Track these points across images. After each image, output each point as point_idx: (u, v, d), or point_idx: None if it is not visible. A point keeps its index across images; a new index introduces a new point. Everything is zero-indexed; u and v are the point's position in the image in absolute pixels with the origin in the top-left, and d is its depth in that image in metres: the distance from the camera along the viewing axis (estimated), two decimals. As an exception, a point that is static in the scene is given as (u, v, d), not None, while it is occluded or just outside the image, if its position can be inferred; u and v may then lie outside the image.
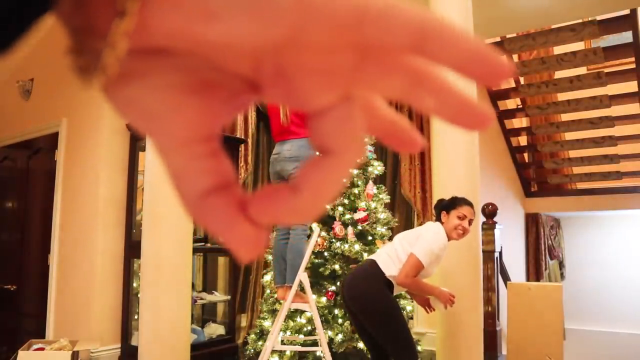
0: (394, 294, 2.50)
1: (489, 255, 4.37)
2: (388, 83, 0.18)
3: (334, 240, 3.53)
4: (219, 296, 4.58)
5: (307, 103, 0.17)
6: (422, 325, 4.30)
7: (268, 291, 3.60)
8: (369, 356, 3.37)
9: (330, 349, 3.08)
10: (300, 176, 0.19)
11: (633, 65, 4.77)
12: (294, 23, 0.15)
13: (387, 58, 0.17)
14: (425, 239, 2.39)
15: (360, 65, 0.17)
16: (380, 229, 3.67)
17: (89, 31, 0.15)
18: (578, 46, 5.40)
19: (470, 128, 0.19)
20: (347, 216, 3.59)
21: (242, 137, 4.92)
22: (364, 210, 3.61)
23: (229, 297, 4.59)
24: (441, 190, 3.06)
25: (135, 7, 0.14)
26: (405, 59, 0.17)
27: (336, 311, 3.48)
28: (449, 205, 2.56)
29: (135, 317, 3.92)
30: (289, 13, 0.15)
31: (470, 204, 2.54)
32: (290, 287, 2.80)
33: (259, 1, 0.15)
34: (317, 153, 0.19)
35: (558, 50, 5.48)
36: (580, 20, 4.56)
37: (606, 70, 5.13)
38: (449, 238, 2.49)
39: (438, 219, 2.57)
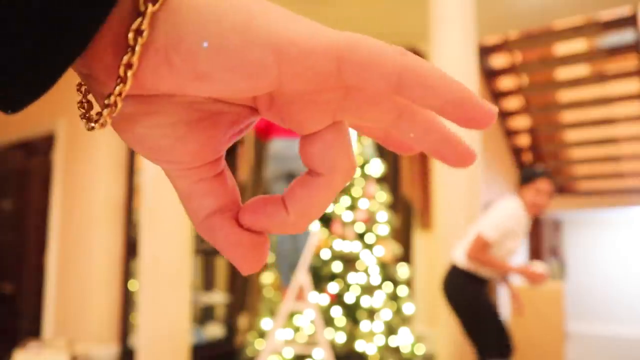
0: (490, 276, 2.38)
1: (490, 256, 4.35)
2: (374, 114, 0.18)
3: (334, 240, 3.52)
4: (219, 296, 4.57)
5: (300, 128, 0.18)
6: (423, 325, 4.28)
7: (268, 291, 3.58)
8: (370, 357, 3.36)
9: (330, 349, 3.06)
10: (289, 193, 0.20)
11: (636, 66, 4.76)
12: (276, 77, 0.16)
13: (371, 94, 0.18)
14: (493, 216, 2.28)
15: (348, 96, 0.18)
16: (381, 229, 3.65)
17: (93, 81, 0.17)
18: (580, 46, 5.39)
19: (452, 164, 0.20)
20: (347, 216, 3.57)
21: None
22: (364, 210, 3.59)
23: (229, 297, 4.57)
24: (441, 190, 3.04)
25: (130, 74, 0.15)
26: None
27: (336, 311, 3.47)
28: (525, 178, 2.39)
29: (135, 317, 3.91)
30: (271, 69, 0.16)
31: (548, 174, 2.35)
32: (303, 287, 2.78)
33: (242, 62, 0.16)
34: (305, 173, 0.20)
35: (559, 50, 5.47)
36: (581, 20, 4.54)
37: (607, 70, 5.12)
38: (528, 212, 2.34)
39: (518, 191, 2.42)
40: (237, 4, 0.16)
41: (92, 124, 0.18)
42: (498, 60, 5.56)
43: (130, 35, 0.15)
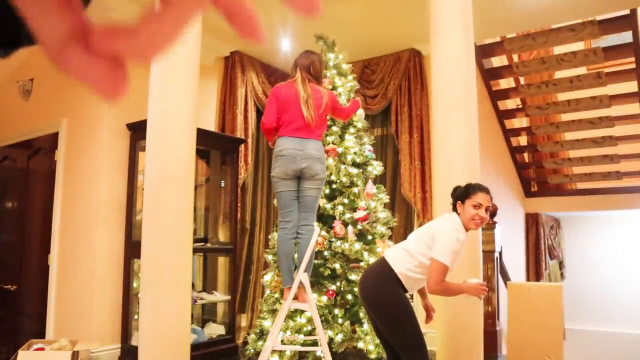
0: (411, 291, 2.44)
1: (489, 255, 4.37)
2: None
3: (334, 239, 3.53)
4: (219, 296, 4.58)
5: None
6: (422, 325, 4.29)
7: (268, 291, 3.60)
8: (370, 356, 3.37)
9: (330, 348, 3.08)
10: (140, 20, 0.20)
11: (633, 65, 4.77)
12: None
13: None
14: (442, 240, 2.30)
15: None
16: (380, 229, 3.67)
17: None
18: (578, 46, 5.40)
19: (302, 11, 0.21)
20: (347, 215, 3.59)
21: (242, 137, 4.92)
22: (364, 210, 3.61)
23: (229, 297, 4.59)
24: (441, 190, 3.06)
25: None
26: None
27: (336, 311, 3.48)
28: (463, 194, 2.43)
29: (135, 317, 3.92)
30: None
31: (485, 190, 2.41)
32: (303, 287, 2.79)
33: None
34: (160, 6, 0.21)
35: (558, 50, 5.48)
36: (580, 20, 4.56)
37: (606, 70, 5.14)
38: (467, 228, 2.39)
39: (454, 208, 2.46)
40: None
41: None
42: (496, 61, 5.57)
43: None
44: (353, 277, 3.47)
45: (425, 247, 2.36)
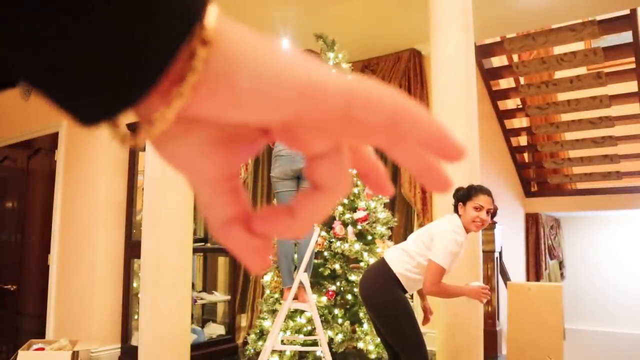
0: (410, 291, 2.43)
1: (489, 255, 4.37)
2: (370, 139, 0.22)
3: (333, 239, 3.53)
4: (219, 296, 4.58)
5: (307, 150, 0.22)
6: (420, 326, 4.29)
7: (268, 291, 3.60)
8: (370, 356, 3.38)
9: (330, 348, 3.08)
10: (295, 202, 0.23)
11: (633, 65, 4.77)
12: (297, 110, 0.20)
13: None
14: (440, 242, 2.30)
15: (350, 125, 0.21)
16: (380, 229, 3.67)
17: (139, 110, 0.20)
18: (578, 46, 5.40)
19: (431, 190, 0.24)
20: (347, 216, 3.59)
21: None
22: (364, 210, 3.61)
23: (229, 297, 4.59)
24: (441, 190, 3.05)
25: (179, 104, 0.19)
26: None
27: (336, 311, 3.48)
28: (464, 195, 2.42)
29: (135, 317, 3.92)
30: (294, 104, 0.20)
31: (487, 193, 2.41)
32: (303, 287, 2.78)
33: (274, 99, 0.20)
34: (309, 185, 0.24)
35: (558, 50, 5.48)
36: (580, 20, 4.56)
37: (606, 70, 5.13)
38: (467, 230, 2.38)
39: (455, 210, 2.46)
40: (272, 52, 0.20)
41: (132, 140, 0.20)
42: (496, 61, 5.57)
43: (187, 72, 0.19)
44: (353, 277, 3.47)
45: (424, 248, 2.36)
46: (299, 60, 0.21)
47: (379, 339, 3.31)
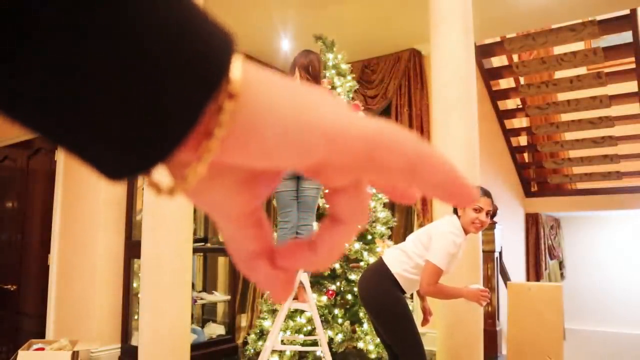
0: (408, 292, 2.43)
1: (489, 255, 4.37)
2: (389, 179, 0.23)
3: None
4: (219, 296, 4.59)
5: (329, 184, 0.23)
6: (419, 327, 4.29)
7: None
8: (370, 356, 3.38)
9: (330, 348, 3.08)
10: (317, 237, 0.25)
11: (633, 65, 4.78)
12: (323, 156, 0.21)
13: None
14: (438, 243, 2.30)
15: (372, 164, 0.22)
16: (380, 228, 3.67)
17: (171, 164, 0.21)
18: (578, 46, 5.40)
19: (456, 205, 0.25)
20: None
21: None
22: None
23: (229, 297, 4.59)
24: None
25: (209, 155, 0.19)
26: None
27: (336, 311, 3.48)
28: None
29: (135, 317, 3.93)
30: (321, 152, 0.21)
31: (487, 194, 2.41)
32: (303, 287, 2.78)
33: (301, 147, 0.20)
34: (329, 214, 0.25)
35: (558, 50, 5.48)
36: (580, 20, 4.56)
37: (606, 70, 5.14)
38: (466, 232, 2.38)
39: (455, 211, 2.46)
40: (297, 99, 0.21)
41: (168, 193, 0.21)
42: (496, 61, 5.57)
43: (214, 126, 0.19)
44: (353, 277, 3.47)
45: (422, 249, 2.36)
46: (323, 105, 0.21)
47: (378, 339, 3.32)
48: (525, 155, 6.26)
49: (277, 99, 0.20)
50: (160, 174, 0.21)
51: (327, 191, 0.24)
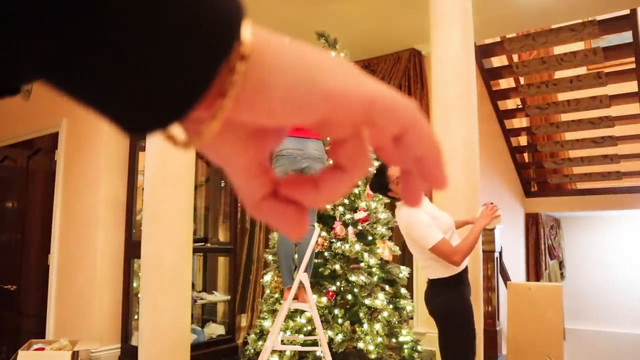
0: (458, 270, 2.36)
1: (489, 255, 4.37)
2: (381, 140, 0.25)
3: (334, 240, 3.53)
4: (219, 296, 4.58)
5: (331, 136, 0.25)
6: (422, 325, 4.30)
7: (268, 291, 3.59)
8: (370, 356, 3.37)
9: (330, 348, 3.08)
10: (321, 177, 0.26)
11: (633, 65, 4.78)
12: (323, 114, 0.23)
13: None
14: (415, 231, 2.30)
15: (367, 125, 0.24)
16: (381, 229, 3.67)
17: (187, 121, 0.22)
18: (578, 46, 5.40)
19: (430, 186, 0.26)
20: (348, 216, 3.59)
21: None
22: (365, 210, 3.61)
23: (229, 297, 4.59)
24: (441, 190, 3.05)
25: (222, 116, 0.21)
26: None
27: (336, 311, 3.48)
28: (383, 182, 2.39)
29: (135, 317, 3.92)
30: (320, 110, 0.22)
31: (379, 168, 2.44)
32: (303, 287, 2.78)
33: (304, 106, 0.22)
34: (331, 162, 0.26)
35: (558, 50, 5.48)
36: (580, 20, 4.56)
37: (606, 70, 5.14)
38: (408, 200, 2.36)
39: (392, 199, 2.46)
40: (303, 60, 0.22)
41: (183, 146, 0.23)
42: (496, 61, 5.57)
43: (227, 86, 0.21)
44: (353, 277, 3.47)
45: (420, 248, 2.37)
46: (328, 67, 0.23)
47: (379, 339, 3.32)
48: (525, 155, 6.26)
49: (284, 61, 0.22)
50: (176, 130, 0.23)
51: (330, 147, 0.26)
